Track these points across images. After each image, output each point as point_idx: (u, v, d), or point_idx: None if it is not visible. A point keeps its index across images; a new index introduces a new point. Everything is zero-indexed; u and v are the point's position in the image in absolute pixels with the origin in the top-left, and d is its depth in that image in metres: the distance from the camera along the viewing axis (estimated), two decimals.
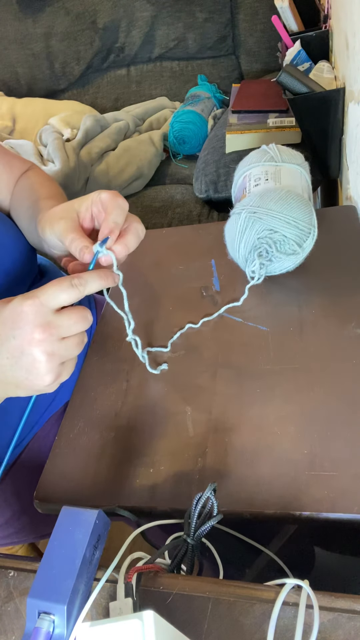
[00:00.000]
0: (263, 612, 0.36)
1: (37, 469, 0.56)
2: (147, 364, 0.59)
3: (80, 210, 0.51)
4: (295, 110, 1.00)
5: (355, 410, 0.50)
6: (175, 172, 1.52)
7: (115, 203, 0.49)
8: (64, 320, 0.43)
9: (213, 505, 0.40)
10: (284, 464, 0.48)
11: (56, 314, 0.43)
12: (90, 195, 0.51)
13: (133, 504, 0.48)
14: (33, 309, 0.41)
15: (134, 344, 0.57)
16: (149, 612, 0.30)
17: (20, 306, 0.41)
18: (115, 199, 0.49)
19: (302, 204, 0.62)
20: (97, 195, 0.50)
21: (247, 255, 0.64)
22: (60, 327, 0.42)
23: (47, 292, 0.42)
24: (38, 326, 0.41)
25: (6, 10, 1.63)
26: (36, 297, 0.42)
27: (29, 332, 0.41)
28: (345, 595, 0.36)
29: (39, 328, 0.41)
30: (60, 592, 0.35)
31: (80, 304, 0.47)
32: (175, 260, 0.78)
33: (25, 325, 0.41)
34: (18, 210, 0.67)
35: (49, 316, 0.42)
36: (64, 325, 0.43)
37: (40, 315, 0.41)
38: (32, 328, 0.41)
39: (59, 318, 0.43)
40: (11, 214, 0.69)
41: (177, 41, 1.62)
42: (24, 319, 0.41)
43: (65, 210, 0.52)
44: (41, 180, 0.69)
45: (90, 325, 0.45)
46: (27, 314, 0.41)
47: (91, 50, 1.67)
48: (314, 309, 0.62)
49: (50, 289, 0.42)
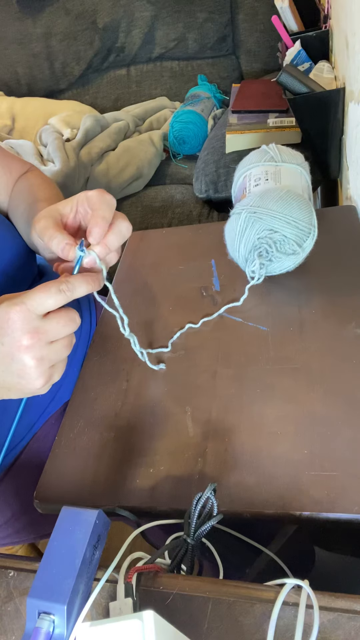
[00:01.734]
0: (263, 612, 0.36)
1: (37, 469, 0.56)
2: (146, 360, 0.59)
3: (63, 210, 0.51)
4: (295, 110, 1.00)
5: (355, 410, 0.50)
6: (175, 172, 1.52)
7: (102, 199, 0.48)
8: (52, 324, 0.43)
9: (213, 505, 0.40)
10: (284, 464, 0.48)
11: (44, 319, 0.43)
12: (76, 196, 0.50)
13: (133, 504, 0.48)
14: (20, 315, 0.41)
15: (132, 342, 0.57)
16: (149, 612, 0.30)
17: (7, 313, 0.41)
18: (102, 196, 0.49)
19: (302, 204, 0.62)
20: (84, 195, 0.50)
21: (247, 255, 0.64)
22: (48, 332, 0.43)
23: (34, 297, 0.42)
24: (26, 333, 0.41)
25: (6, 10, 1.63)
26: (23, 304, 0.41)
27: (18, 338, 0.41)
28: (345, 595, 0.36)
29: (27, 334, 0.41)
30: (60, 592, 0.35)
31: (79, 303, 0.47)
32: (175, 260, 0.78)
33: (13, 332, 0.41)
34: (15, 212, 0.67)
35: (37, 322, 0.42)
36: (52, 330, 0.43)
37: (28, 322, 0.41)
38: (21, 335, 0.41)
39: (47, 323, 0.43)
40: (9, 215, 0.69)
41: (177, 41, 1.62)
42: (11, 325, 0.41)
43: (48, 210, 0.51)
44: (39, 182, 0.69)
45: (78, 327, 0.45)
46: (14, 321, 0.41)
47: (91, 50, 1.67)
48: (314, 309, 0.62)
49: (37, 295, 0.42)
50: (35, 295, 0.42)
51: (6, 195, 0.70)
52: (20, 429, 0.64)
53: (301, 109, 0.98)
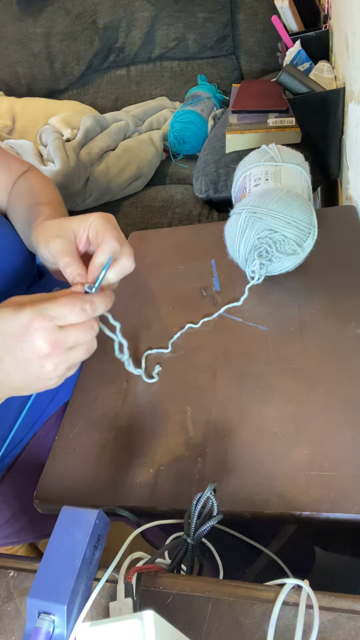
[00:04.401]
0: (263, 612, 0.36)
1: (37, 469, 0.56)
2: (143, 376, 0.60)
3: (77, 231, 0.51)
4: (295, 110, 1.00)
5: (355, 410, 0.50)
6: (175, 172, 1.52)
7: (109, 235, 0.49)
8: (71, 333, 0.44)
9: (213, 505, 0.40)
10: (284, 464, 0.48)
11: (65, 329, 0.43)
12: (89, 217, 0.51)
13: (133, 504, 0.48)
14: (43, 326, 0.42)
15: (126, 363, 0.58)
16: (149, 612, 0.30)
17: (31, 322, 0.42)
18: (109, 232, 0.49)
19: (302, 204, 0.62)
20: (97, 221, 0.50)
21: (247, 255, 0.64)
22: (68, 340, 0.44)
23: (58, 311, 0.43)
24: (47, 343, 0.42)
25: (6, 10, 1.63)
26: (47, 316, 0.42)
27: (38, 347, 0.42)
28: (345, 595, 0.36)
29: (48, 345, 0.42)
30: (60, 592, 0.35)
31: None
32: (175, 260, 0.78)
33: (34, 341, 0.42)
34: (14, 212, 0.67)
35: (58, 333, 0.43)
36: (72, 338, 0.44)
37: (50, 333, 0.42)
38: (42, 344, 0.42)
39: (67, 332, 0.43)
40: (8, 214, 0.69)
41: (177, 41, 1.62)
42: (32, 334, 0.42)
43: (61, 228, 0.51)
44: (40, 183, 0.68)
45: (96, 333, 0.46)
46: (36, 330, 0.42)
47: (91, 50, 1.67)
48: (314, 309, 0.62)
49: (62, 309, 0.43)
50: (60, 309, 0.43)
51: (5, 194, 0.70)
52: (20, 429, 0.64)
53: (301, 109, 0.98)
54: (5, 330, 0.42)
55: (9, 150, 1.43)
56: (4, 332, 0.42)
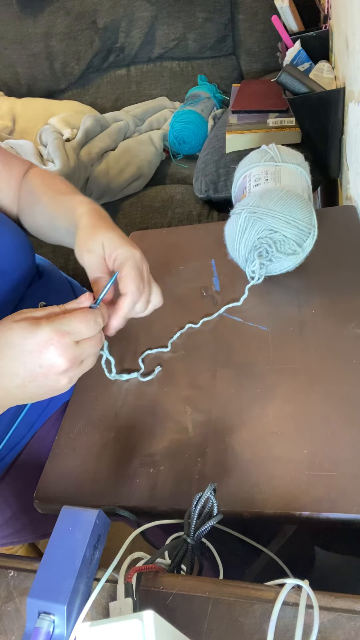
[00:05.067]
0: (263, 612, 0.36)
1: (37, 469, 0.56)
2: (138, 377, 0.61)
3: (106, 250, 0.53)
4: (295, 110, 1.00)
5: (355, 410, 0.50)
6: (175, 172, 1.52)
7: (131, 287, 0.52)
8: (86, 348, 0.45)
9: (213, 505, 0.40)
10: (284, 464, 0.48)
11: (80, 345, 0.44)
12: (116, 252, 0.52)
13: (133, 504, 0.48)
14: (62, 343, 0.43)
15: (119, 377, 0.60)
16: (149, 612, 0.30)
17: (50, 340, 0.42)
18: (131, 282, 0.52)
19: (302, 204, 0.62)
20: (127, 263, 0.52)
21: (247, 255, 0.64)
22: (83, 354, 0.45)
23: (75, 326, 0.44)
24: (67, 359, 0.43)
25: (6, 10, 1.63)
26: (66, 333, 0.43)
27: (58, 365, 0.43)
28: (345, 595, 0.36)
29: (67, 361, 0.43)
30: (60, 592, 0.35)
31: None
32: (175, 260, 0.78)
33: (54, 359, 0.43)
34: (34, 207, 0.67)
35: (74, 348, 0.44)
36: (86, 352, 0.45)
37: (68, 350, 0.43)
38: (61, 361, 0.43)
39: (83, 347, 0.45)
40: (23, 212, 0.69)
41: (177, 41, 1.62)
42: (53, 351, 0.43)
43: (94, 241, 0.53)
44: (49, 176, 0.70)
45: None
46: (56, 348, 0.43)
47: (91, 50, 1.67)
48: (314, 309, 0.62)
49: (78, 325, 0.44)
50: (77, 325, 0.44)
51: (9, 192, 0.70)
52: (20, 429, 0.64)
53: (301, 109, 0.98)
54: (23, 346, 0.43)
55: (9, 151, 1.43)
56: (22, 349, 0.43)
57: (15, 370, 0.43)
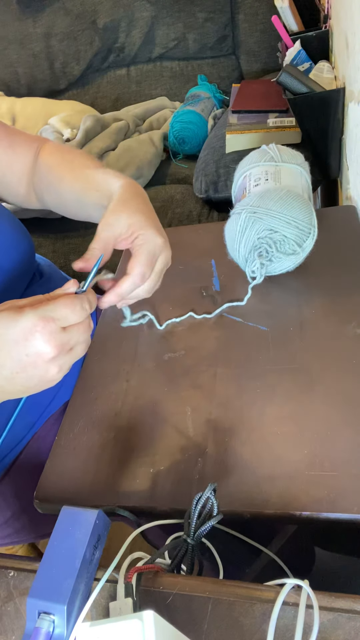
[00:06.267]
0: (263, 612, 0.36)
1: (37, 469, 0.56)
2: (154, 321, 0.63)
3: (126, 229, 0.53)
4: (295, 110, 1.00)
5: (355, 410, 0.50)
6: (175, 172, 1.52)
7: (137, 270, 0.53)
8: (74, 334, 0.44)
9: (213, 505, 0.40)
10: (284, 464, 0.48)
11: (67, 331, 0.43)
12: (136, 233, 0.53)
13: (133, 504, 0.48)
14: (48, 329, 0.42)
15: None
16: (149, 612, 0.30)
17: (34, 326, 0.41)
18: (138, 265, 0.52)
19: (302, 204, 0.62)
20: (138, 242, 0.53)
21: (247, 255, 0.64)
22: (71, 341, 0.44)
23: (61, 312, 0.43)
24: (53, 346, 0.42)
25: (6, 10, 1.63)
26: (51, 318, 0.42)
27: (45, 352, 0.42)
28: (345, 595, 0.36)
29: (54, 348, 0.42)
30: (60, 592, 0.35)
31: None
32: (175, 260, 0.78)
33: (38, 346, 0.42)
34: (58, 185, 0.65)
35: (61, 335, 0.43)
36: (74, 338, 0.44)
37: (54, 337, 0.42)
38: (48, 348, 0.42)
39: (70, 333, 0.44)
40: (44, 192, 0.68)
41: (177, 41, 1.62)
42: (38, 338, 0.42)
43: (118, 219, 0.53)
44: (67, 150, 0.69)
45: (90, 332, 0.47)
46: (42, 334, 0.42)
47: (91, 50, 1.67)
48: (314, 309, 0.62)
49: (64, 310, 0.43)
50: (62, 310, 0.43)
51: (12, 175, 0.68)
52: (20, 429, 0.63)
53: (301, 109, 0.98)
54: (6, 336, 0.41)
55: None
56: (6, 338, 0.41)
57: (1, 362, 0.42)
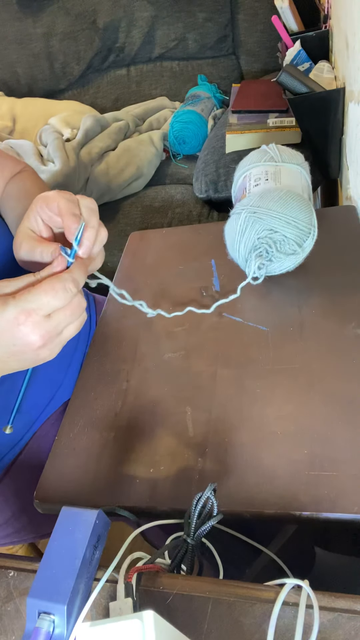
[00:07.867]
0: (263, 612, 0.36)
1: (37, 469, 0.56)
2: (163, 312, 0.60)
3: (30, 226, 0.51)
4: (295, 110, 1.00)
5: (355, 410, 0.50)
6: (175, 172, 1.52)
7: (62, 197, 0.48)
8: (61, 318, 0.43)
9: (213, 505, 0.40)
10: (284, 464, 0.48)
11: (52, 317, 0.43)
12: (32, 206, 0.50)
13: (133, 504, 0.48)
14: (30, 321, 0.41)
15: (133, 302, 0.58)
16: (149, 612, 0.30)
17: (16, 320, 0.41)
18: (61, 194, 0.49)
19: (302, 204, 0.62)
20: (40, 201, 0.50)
21: (247, 255, 0.64)
22: (58, 326, 0.43)
23: (41, 301, 0.42)
24: (38, 336, 0.42)
25: (6, 10, 1.63)
26: (31, 311, 0.41)
27: (31, 342, 0.42)
28: (345, 595, 0.36)
29: (39, 337, 0.42)
30: (60, 592, 0.35)
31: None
32: (175, 260, 0.78)
33: (25, 337, 0.42)
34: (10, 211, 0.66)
35: (47, 324, 0.42)
36: (62, 323, 0.44)
37: (39, 327, 0.42)
38: (34, 339, 0.42)
39: (56, 319, 0.43)
40: (1, 212, 0.69)
41: (177, 41, 1.62)
42: (22, 330, 0.41)
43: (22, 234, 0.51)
44: (35, 184, 0.68)
45: (84, 309, 0.45)
46: (25, 327, 0.41)
47: (91, 50, 1.67)
48: (314, 309, 0.62)
49: (44, 298, 0.42)
50: (42, 298, 0.42)
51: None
52: (20, 428, 0.64)
53: (301, 109, 0.98)
54: None
55: (9, 151, 1.43)
56: None
57: None
